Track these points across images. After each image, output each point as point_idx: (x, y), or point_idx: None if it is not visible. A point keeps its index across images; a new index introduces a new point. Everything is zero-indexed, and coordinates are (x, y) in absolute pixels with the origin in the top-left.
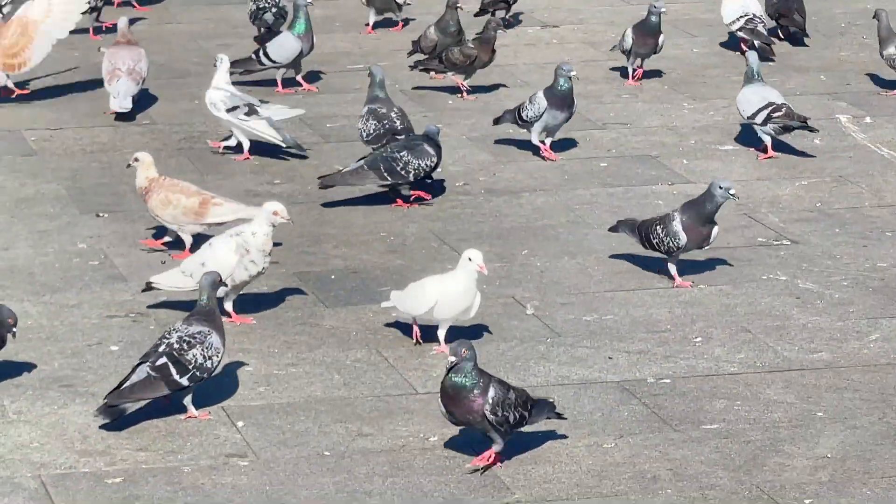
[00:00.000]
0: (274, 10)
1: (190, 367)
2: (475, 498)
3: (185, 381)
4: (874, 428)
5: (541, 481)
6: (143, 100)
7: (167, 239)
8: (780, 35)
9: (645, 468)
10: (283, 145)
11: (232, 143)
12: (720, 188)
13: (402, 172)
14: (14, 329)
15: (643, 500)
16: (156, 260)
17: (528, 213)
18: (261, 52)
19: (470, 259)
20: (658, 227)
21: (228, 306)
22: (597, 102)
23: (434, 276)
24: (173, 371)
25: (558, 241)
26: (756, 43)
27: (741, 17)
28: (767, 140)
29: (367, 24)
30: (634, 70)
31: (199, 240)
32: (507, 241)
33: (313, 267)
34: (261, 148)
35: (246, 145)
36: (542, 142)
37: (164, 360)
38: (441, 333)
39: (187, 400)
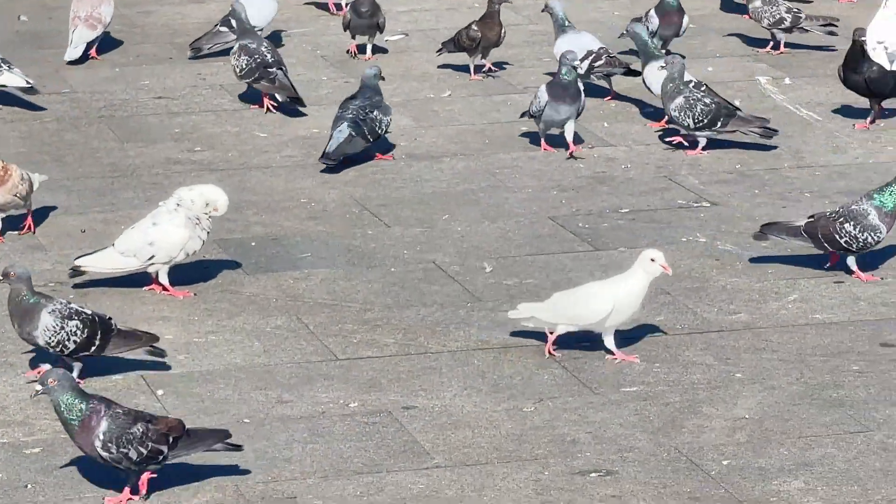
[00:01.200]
0: None
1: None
2: (395, 463)
3: None
4: (791, 388)
5: (460, 446)
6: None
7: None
8: None
9: (564, 431)
10: (31, 84)
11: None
12: None
13: (379, 131)
14: None
15: (562, 463)
16: (75, 230)
17: (448, 178)
18: (232, 21)
19: (652, 260)
20: (846, 224)
21: (164, 280)
22: (518, 66)
23: (597, 281)
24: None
25: (479, 205)
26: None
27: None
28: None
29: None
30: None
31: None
32: (428, 206)
33: (233, 234)
34: (183, 116)
35: None
36: (565, 138)
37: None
38: (609, 341)
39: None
